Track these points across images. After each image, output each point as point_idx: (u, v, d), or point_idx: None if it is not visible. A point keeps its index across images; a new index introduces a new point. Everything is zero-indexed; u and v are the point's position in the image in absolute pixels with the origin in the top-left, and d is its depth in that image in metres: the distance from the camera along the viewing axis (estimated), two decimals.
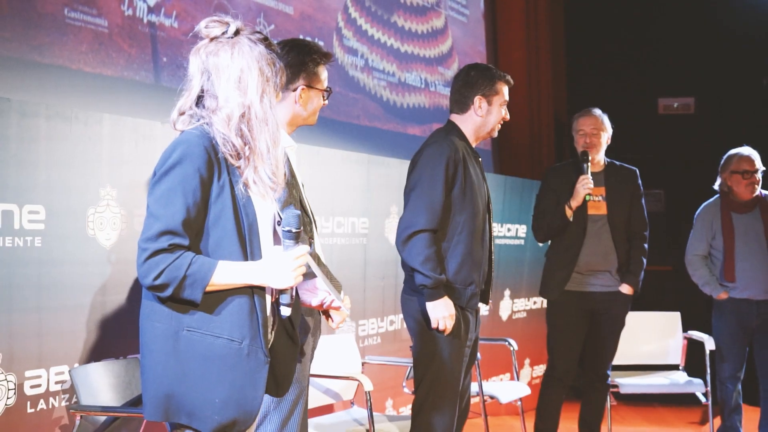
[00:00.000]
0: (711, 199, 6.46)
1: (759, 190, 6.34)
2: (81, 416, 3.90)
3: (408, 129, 7.89)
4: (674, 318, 7.11)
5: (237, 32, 2.89)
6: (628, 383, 6.56)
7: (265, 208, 2.92)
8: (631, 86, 10.10)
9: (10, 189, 3.89)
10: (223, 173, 2.81)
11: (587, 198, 5.67)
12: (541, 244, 8.36)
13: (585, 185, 5.59)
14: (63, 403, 4.11)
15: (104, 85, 5.06)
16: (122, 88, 5.16)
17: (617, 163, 6.05)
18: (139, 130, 4.44)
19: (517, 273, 8.13)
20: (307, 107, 3.81)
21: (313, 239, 3.73)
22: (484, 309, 7.72)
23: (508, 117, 4.76)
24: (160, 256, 2.71)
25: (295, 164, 3.86)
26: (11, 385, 3.90)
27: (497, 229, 7.76)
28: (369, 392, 4.80)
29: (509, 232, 7.96)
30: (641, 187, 5.99)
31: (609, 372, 5.90)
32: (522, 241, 8.15)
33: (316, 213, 5.73)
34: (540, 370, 8.51)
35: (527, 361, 8.32)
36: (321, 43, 6.78)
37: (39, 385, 4.03)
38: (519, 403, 6.15)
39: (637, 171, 6.05)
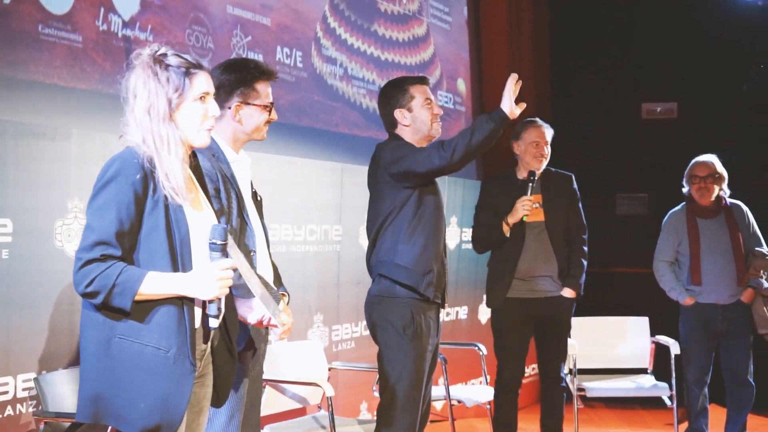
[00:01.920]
0: (678, 206, 6.60)
1: (723, 197, 6.46)
2: (45, 422, 4.04)
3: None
4: (642, 322, 7.24)
5: (157, 56, 3.09)
6: (595, 386, 6.71)
7: (202, 220, 3.08)
8: (614, 91, 10.22)
9: None
10: (158, 189, 2.99)
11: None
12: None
13: (525, 207, 5.69)
14: (30, 410, 4.26)
15: (79, 100, 5.20)
16: (97, 102, 5.29)
17: (553, 169, 6.13)
18: (107, 144, 4.59)
19: None
20: (247, 124, 3.93)
21: (254, 252, 3.84)
22: (462, 314, 7.88)
23: (439, 111, 4.89)
24: (93, 266, 2.89)
25: (247, 178, 3.98)
26: None
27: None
28: (330, 397, 4.94)
29: None
30: (577, 192, 6.10)
31: (563, 374, 6.00)
32: None
33: (289, 221, 5.91)
34: (526, 371, 8.63)
35: None
36: (299, 54, 6.97)
37: (6, 392, 4.19)
38: (488, 406, 6.27)
39: (573, 176, 6.16)
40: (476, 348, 6.41)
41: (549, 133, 6.00)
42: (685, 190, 6.57)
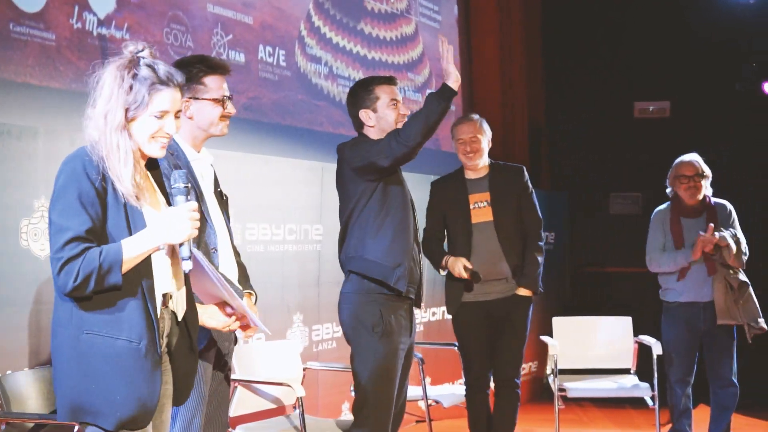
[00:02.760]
0: (663, 205, 6.56)
1: (708, 196, 6.42)
2: (7, 423, 4.02)
3: None
4: (625, 322, 7.20)
5: (130, 60, 3.12)
6: (576, 387, 6.67)
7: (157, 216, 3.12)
8: (607, 90, 10.20)
9: None
10: (117, 186, 3.04)
11: (472, 206, 5.67)
12: None
13: (459, 273, 5.49)
14: None
15: (53, 98, 5.18)
16: (71, 101, 5.27)
17: (501, 163, 5.93)
18: (75, 143, 4.55)
19: None
20: (199, 119, 3.89)
21: (215, 250, 3.82)
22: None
23: (406, 111, 4.84)
24: (73, 262, 2.93)
25: (209, 176, 3.95)
26: None
27: None
28: (301, 398, 4.92)
29: None
30: (530, 185, 5.83)
31: (518, 380, 5.79)
32: None
33: (267, 221, 5.88)
34: None
35: None
36: (283, 52, 6.94)
37: None
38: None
39: (523, 168, 5.89)
40: (455, 348, 6.36)
41: (478, 127, 5.74)
42: (668, 190, 6.52)
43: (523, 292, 5.69)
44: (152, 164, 3.28)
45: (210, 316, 3.53)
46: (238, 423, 5.22)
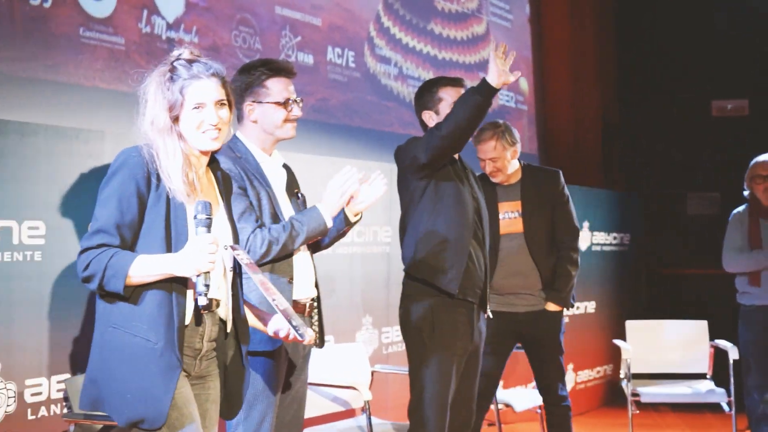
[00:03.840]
0: (741, 206, 6.42)
1: None
2: (75, 424, 4.05)
3: None
4: (701, 326, 7.06)
5: (174, 63, 3.15)
6: (649, 392, 6.55)
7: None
8: (684, 88, 10.02)
9: (9, 206, 4.07)
10: (162, 184, 3.05)
11: (501, 216, 5.35)
12: (584, 250, 8.39)
13: None
14: (65, 411, 4.27)
15: (121, 101, 5.21)
16: (138, 104, 5.30)
17: (536, 166, 5.62)
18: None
19: None
20: (264, 123, 3.89)
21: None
22: None
23: None
24: (89, 252, 2.97)
25: (282, 177, 3.97)
26: (11, 393, 4.08)
27: None
28: (367, 401, 4.88)
29: None
30: (566, 191, 5.47)
31: (564, 393, 5.50)
32: None
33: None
34: (585, 375, 8.50)
35: (570, 366, 8.31)
36: (351, 53, 6.92)
37: (40, 393, 4.20)
38: (539, 411, 6.16)
39: (560, 172, 5.52)
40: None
41: (498, 144, 5.27)
42: (746, 192, 6.38)
43: (552, 307, 5.38)
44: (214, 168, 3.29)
45: (271, 323, 3.48)
46: (307, 425, 5.20)
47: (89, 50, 5.07)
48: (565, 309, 5.43)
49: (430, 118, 4.70)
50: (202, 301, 3.00)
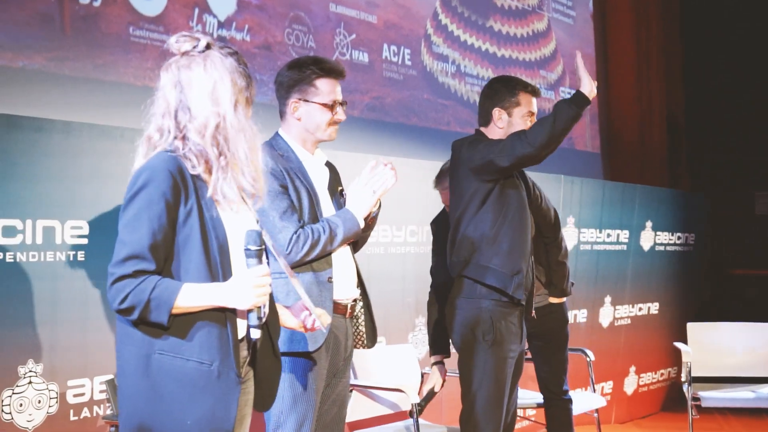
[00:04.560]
0: None
1: None
2: (114, 426, 4.04)
3: None
4: (765, 329, 6.89)
5: (208, 47, 2.94)
6: (710, 396, 6.39)
7: (239, 224, 2.96)
8: (751, 86, 9.80)
9: (53, 205, 4.07)
10: (191, 196, 2.84)
11: None
12: (646, 250, 8.23)
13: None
14: (108, 412, 4.27)
15: None
16: None
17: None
18: None
19: (618, 279, 7.99)
20: (307, 122, 3.82)
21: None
22: (581, 317, 7.63)
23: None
24: (125, 281, 2.75)
25: (324, 176, 3.90)
26: (53, 394, 4.08)
27: (596, 235, 7.64)
28: (414, 404, 4.81)
29: (609, 238, 7.82)
30: (536, 187, 5.31)
31: (566, 387, 5.47)
32: (624, 247, 8.00)
33: (388, 222, 5.80)
34: (648, 378, 8.35)
35: (632, 369, 8.18)
36: (408, 51, 6.85)
37: (83, 394, 4.20)
38: (596, 414, 6.04)
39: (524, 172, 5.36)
40: (583, 353, 6.16)
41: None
42: None
43: (554, 300, 5.44)
44: None
45: (289, 316, 3.40)
46: (354, 428, 5.15)
47: (139, 49, 5.06)
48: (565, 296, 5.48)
49: (500, 117, 4.60)
50: (255, 334, 2.88)
